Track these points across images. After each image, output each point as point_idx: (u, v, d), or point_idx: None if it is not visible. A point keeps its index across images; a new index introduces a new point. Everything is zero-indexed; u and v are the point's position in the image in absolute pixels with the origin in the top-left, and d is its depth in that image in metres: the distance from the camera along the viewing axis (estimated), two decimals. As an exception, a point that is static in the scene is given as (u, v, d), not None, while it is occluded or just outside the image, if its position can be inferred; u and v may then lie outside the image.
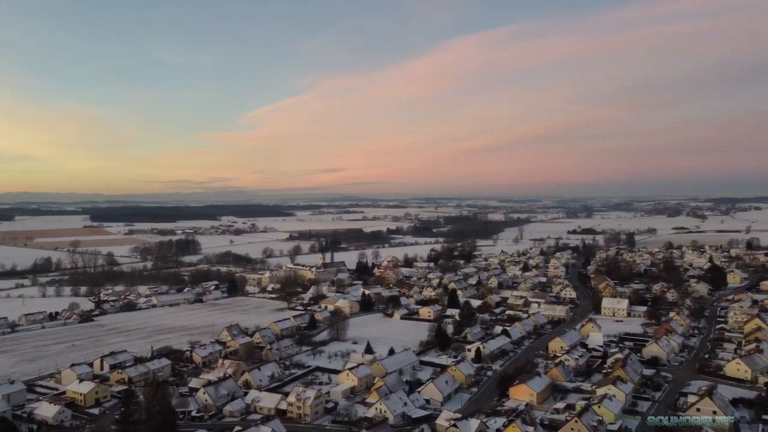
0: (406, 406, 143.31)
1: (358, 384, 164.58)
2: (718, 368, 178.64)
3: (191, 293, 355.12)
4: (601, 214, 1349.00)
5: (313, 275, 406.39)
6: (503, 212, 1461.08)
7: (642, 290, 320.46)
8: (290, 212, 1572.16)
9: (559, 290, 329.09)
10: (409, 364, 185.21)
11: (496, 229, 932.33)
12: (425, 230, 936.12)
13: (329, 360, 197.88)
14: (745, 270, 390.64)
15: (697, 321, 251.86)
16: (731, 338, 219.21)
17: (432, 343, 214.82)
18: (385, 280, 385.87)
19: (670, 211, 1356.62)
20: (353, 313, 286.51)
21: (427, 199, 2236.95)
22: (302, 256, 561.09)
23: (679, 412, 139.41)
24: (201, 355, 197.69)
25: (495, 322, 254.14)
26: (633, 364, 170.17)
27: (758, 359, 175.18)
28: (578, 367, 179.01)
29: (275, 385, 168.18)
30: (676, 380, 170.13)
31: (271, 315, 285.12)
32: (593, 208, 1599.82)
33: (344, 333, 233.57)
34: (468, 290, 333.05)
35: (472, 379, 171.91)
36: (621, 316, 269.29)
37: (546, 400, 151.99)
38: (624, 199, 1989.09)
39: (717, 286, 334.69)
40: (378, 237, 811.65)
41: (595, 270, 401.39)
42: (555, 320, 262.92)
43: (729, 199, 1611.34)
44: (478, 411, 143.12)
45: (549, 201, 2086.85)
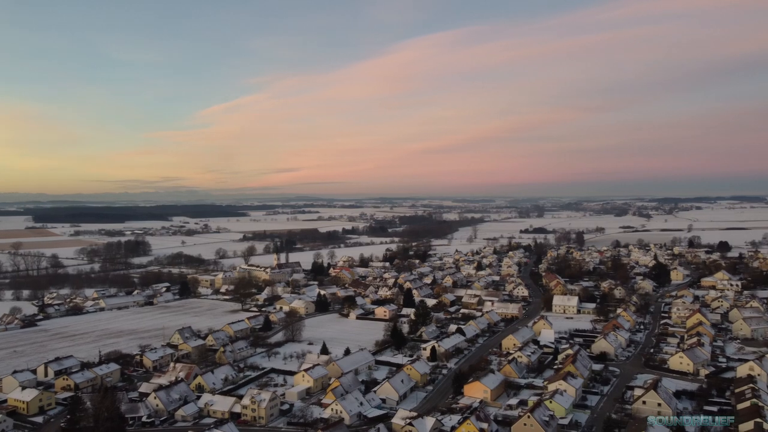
0: (362, 405, 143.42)
1: (314, 385, 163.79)
2: (662, 362, 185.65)
3: (141, 296, 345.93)
4: (552, 214, 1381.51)
5: (267, 276, 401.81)
6: (458, 212, 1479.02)
7: (591, 288, 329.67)
8: (244, 212, 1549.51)
9: (512, 288, 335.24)
10: (365, 363, 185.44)
11: (450, 229, 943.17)
12: (381, 230, 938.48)
13: (284, 361, 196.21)
14: (687, 267, 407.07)
15: (642, 317, 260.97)
16: (674, 333, 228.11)
17: (388, 342, 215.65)
18: (341, 281, 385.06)
19: (618, 211, 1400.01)
20: (309, 314, 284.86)
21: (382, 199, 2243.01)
22: (257, 257, 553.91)
23: (626, 405, 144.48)
24: (152, 359, 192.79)
25: (450, 321, 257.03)
26: (583, 359, 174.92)
27: (699, 353, 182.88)
28: (531, 364, 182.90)
29: (229, 387, 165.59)
30: (624, 374, 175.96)
31: (224, 317, 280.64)
32: (545, 207, 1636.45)
33: (300, 334, 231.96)
34: (423, 289, 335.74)
35: (428, 377, 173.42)
36: (571, 313, 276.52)
37: (500, 397, 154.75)
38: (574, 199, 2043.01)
39: (661, 283, 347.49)
40: (334, 237, 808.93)
41: (546, 268, 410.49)
42: (508, 318, 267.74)
43: (672, 199, 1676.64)
44: (434, 409, 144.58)
45: (502, 201, 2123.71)
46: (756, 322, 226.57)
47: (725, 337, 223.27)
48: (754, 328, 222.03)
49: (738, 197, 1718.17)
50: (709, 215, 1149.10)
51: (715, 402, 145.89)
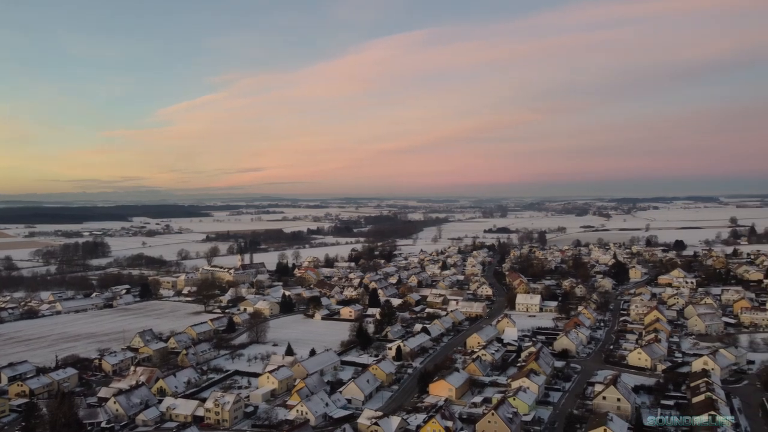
0: (328, 406, 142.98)
1: (279, 386, 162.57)
2: (621, 358, 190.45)
3: (100, 298, 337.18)
4: (515, 214, 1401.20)
5: (231, 277, 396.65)
6: (422, 212, 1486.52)
7: (553, 286, 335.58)
8: (207, 213, 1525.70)
9: (476, 288, 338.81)
10: (331, 364, 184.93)
11: (415, 229, 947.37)
12: (346, 230, 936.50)
13: (249, 363, 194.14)
14: (645, 265, 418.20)
15: (602, 314, 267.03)
16: (633, 329, 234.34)
17: (353, 342, 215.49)
18: (306, 281, 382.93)
19: (578, 211, 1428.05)
20: (273, 315, 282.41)
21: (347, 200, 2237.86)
22: (220, 258, 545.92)
23: (587, 401, 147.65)
24: (111, 363, 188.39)
25: (415, 320, 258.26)
26: (545, 357, 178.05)
27: (657, 348, 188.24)
28: (494, 362, 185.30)
29: (192, 391, 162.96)
30: (585, 371, 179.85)
31: (187, 319, 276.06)
32: (508, 207, 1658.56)
33: (264, 335, 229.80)
34: (388, 289, 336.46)
35: (393, 377, 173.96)
36: (534, 311, 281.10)
37: (464, 395, 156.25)
38: (536, 199, 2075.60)
39: (620, 281, 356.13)
40: (298, 237, 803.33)
41: (509, 267, 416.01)
42: (472, 317, 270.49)
43: (630, 200, 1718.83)
44: (399, 408, 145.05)
45: (466, 201, 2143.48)
46: (710, 318, 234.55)
47: (681, 333, 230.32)
48: (708, 324, 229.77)
49: (693, 197, 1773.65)
50: (666, 215, 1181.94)
51: (672, 396, 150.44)
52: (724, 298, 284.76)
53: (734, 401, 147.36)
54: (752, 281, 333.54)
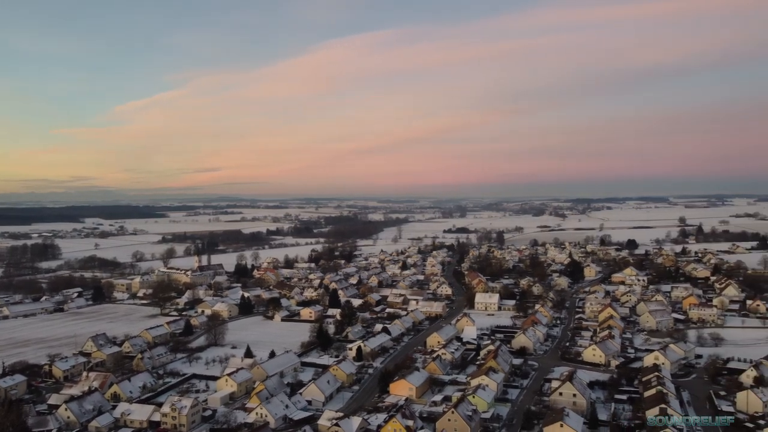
0: (288, 408, 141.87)
1: (238, 389, 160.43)
2: (577, 355, 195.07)
3: (50, 302, 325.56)
4: (474, 214, 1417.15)
5: (188, 279, 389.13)
6: (383, 212, 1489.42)
7: (511, 285, 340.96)
8: (163, 213, 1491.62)
9: (436, 287, 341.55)
10: (291, 365, 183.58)
11: (375, 229, 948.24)
12: (306, 231, 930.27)
13: (207, 366, 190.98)
14: (599, 264, 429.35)
15: (559, 312, 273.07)
16: (588, 327, 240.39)
17: (314, 343, 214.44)
18: (266, 282, 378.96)
19: (535, 211, 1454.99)
20: (232, 317, 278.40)
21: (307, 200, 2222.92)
22: (176, 260, 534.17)
23: (544, 397, 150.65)
24: (62, 369, 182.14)
25: (376, 321, 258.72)
26: (504, 354, 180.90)
27: (611, 345, 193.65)
28: (454, 360, 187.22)
29: (148, 395, 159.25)
30: (542, 368, 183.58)
31: (142, 322, 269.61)
32: (467, 208, 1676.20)
33: (223, 337, 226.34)
34: (349, 290, 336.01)
35: (354, 377, 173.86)
36: (493, 310, 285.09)
37: (425, 394, 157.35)
38: (495, 199, 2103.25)
39: (576, 279, 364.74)
40: (258, 238, 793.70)
41: (469, 267, 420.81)
42: (433, 316, 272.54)
43: (585, 200, 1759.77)
44: (360, 408, 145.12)
45: (426, 201, 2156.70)
46: (660, 315, 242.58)
47: (633, 329, 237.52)
48: (658, 320, 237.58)
49: (644, 198, 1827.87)
50: (619, 215, 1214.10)
51: (625, 391, 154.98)
52: (673, 295, 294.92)
53: (683, 394, 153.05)
54: (700, 278, 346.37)
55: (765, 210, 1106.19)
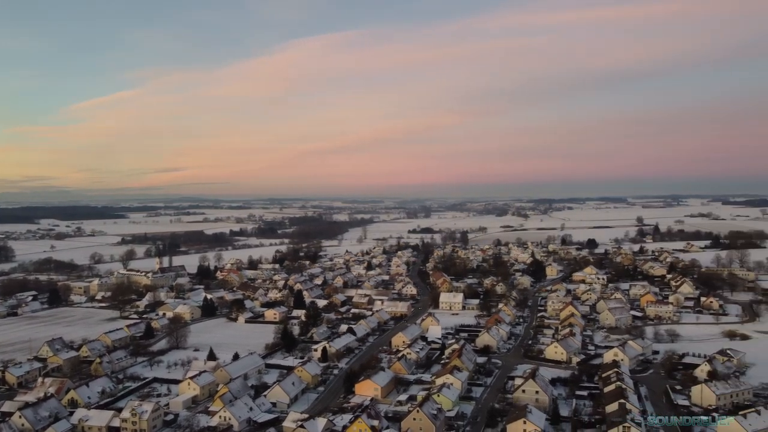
0: (252, 411, 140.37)
1: (201, 392, 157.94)
2: (539, 352, 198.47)
3: (3, 306, 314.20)
4: (438, 214, 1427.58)
5: (149, 281, 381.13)
6: (348, 213, 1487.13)
7: (475, 284, 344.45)
8: (122, 214, 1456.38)
9: (401, 287, 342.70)
10: (255, 368, 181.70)
11: (340, 230, 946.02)
12: (270, 231, 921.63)
13: (168, 370, 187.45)
14: (561, 263, 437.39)
15: (522, 311, 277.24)
16: (550, 325, 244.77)
17: (278, 345, 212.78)
18: (229, 284, 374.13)
19: (499, 211, 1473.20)
20: (195, 319, 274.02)
21: (271, 200, 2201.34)
22: (137, 261, 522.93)
23: (507, 394, 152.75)
24: (16, 375, 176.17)
25: (341, 321, 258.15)
26: (468, 353, 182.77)
27: (572, 342, 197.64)
28: (419, 360, 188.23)
29: (107, 401, 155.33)
30: (505, 366, 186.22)
31: (101, 326, 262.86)
32: (431, 208, 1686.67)
33: (185, 340, 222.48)
34: (314, 290, 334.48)
35: (319, 378, 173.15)
36: (457, 309, 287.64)
37: (390, 394, 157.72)
38: (459, 200, 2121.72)
39: (538, 279, 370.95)
40: (221, 239, 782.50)
41: (433, 267, 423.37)
42: (398, 316, 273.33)
43: (547, 200, 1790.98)
44: (325, 409, 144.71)
45: (391, 202, 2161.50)
46: (619, 312, 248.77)
47: (594, 326, 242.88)
48: (617, 318, 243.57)
49: (604, 198, 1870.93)
50: (579, 215, 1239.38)
51: (586, 387, 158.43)
52: (632, 293, 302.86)
53: (641, 389, 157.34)
54: (656, 276, 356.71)
55: (718, 210, 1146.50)
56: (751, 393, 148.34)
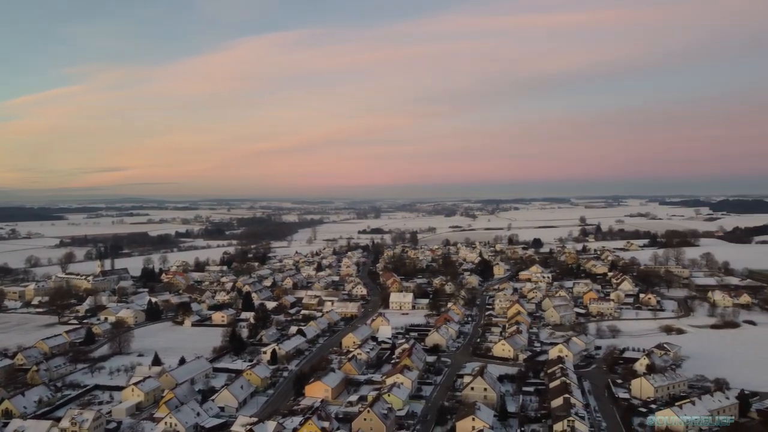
0: (199, 416, 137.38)
1: (145, 399, 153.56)
2: (487, 350, 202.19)
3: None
4: (388, 215, 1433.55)
5: (89, 285, 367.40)
6: (297, 213, 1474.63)
7: (424, 284, 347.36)
8: (61, 215, 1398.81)
9: (352, 288, 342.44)
10: (202, 372, 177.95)
11: (290, 230, 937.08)
12: (218, 233, 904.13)
13: (111, 376, 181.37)
14: (507, 262, 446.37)
15: (470, 309, 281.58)
16: (497, 323, 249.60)
17: (226, 348, 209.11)
18: (175, 286, 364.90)
19: (447, 212, 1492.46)
20: (138, 324, 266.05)
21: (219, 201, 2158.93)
22: (77, 265, 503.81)
23: (457, 392, 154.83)
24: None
25: (290, 323, 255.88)
26: (418, 352, 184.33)
27: (519, 339, 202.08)
28: (370, 360, 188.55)
29: (45, 410, 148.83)
30: (455, 364, 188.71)
31: (37, 332, 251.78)
32: (381, 209, 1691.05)
33: (128, 345, 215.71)
34: (263, 292, 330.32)
35: (269, 381, 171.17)
36: (407, 309, 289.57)
37: (341, 395, 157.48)
38: (408, 200, 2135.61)
39: (486, 278, 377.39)
40: (166, 241, 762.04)
41: (383, 267, 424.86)
42: (348, 317, 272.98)
43: (494, 201, 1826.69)
44: (275, 412, 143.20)
45: (341, 202, 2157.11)
46: (563, 310, 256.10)
47: (539, 324, 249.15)
48: (562, 315, 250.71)
49: (548, 199, 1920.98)
50: (525, 215, 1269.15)
51: (532, 383, 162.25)
52: (575, 291, 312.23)
53: (585, 384, 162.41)
54: (598, 274, 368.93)
55: (655, 210, 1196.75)
56: (686, 384, 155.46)
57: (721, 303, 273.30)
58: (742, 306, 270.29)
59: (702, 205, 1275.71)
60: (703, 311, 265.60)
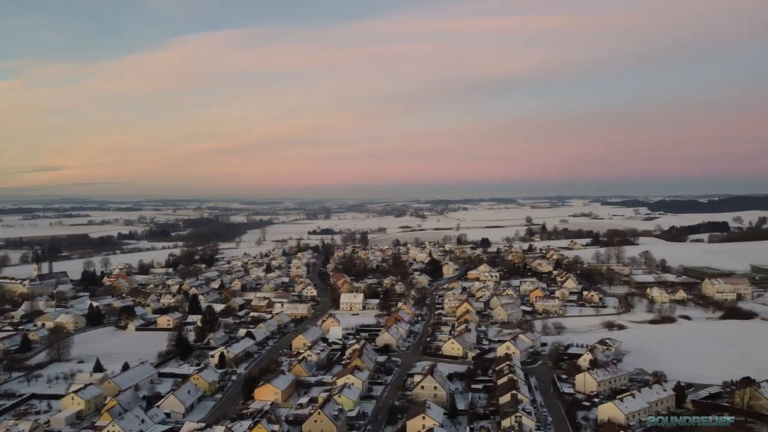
0: (144, 423, 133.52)
1: (86, 407, 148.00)
2: (437, 349, 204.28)
3: None
4: (338, 215, 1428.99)
5: (25, 289, 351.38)
6: (246, 214, 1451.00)
7: (375, 284, 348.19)
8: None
9: (302, 289, 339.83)
10: (147, 377, 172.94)
11: (238, 232, 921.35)
12: (163, 234, 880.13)
13: (49, 384, 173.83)
14: (456, 262, 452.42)
15: (420, 309, 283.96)
16: (447, 322, 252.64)
17: (172, 352, 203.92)
18: (118, 290, 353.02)
19: (397, 212, 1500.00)
20: (79, 329, 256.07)
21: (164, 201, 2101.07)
22: (11, 268, 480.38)
23: (407, 391, 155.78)
24: None
25: (239, 325, 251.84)
26: (368, 353, 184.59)
27: (468, 338, 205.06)
28: (320, 361, 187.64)
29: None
30: (405, 363, 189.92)
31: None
32: (331, 209, 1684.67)
33: (68, 352, 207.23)
34: (210, 294, 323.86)
35: (217, 385, 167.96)
36: (357, 309, 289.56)
37: (291, 397, 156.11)
38: (358, 201, 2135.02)
39: (435, 277, 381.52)
40: (108, 243, 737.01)
41: (334, 268, 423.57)
42: (298, 318, 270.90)
43: (443, 201, 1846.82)
44: (224, 417, 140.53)
45: (290, 203, 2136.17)
46: (511, 308, 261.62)
47: (488, 322, 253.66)
48: (509, 313, 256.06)
49: (496, 199, 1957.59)
50: (474, 215, 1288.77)
51: (481, 380, 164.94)
52: (522, 289, 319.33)
53: (531, 380, 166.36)
54: (544, 273, 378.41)
55: (597, 210, 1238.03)
56: (627, 378, 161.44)
57: (659, 299, 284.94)
58: (678, 302, 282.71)
59: (641, 206, 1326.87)
60: (643, 307, 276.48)
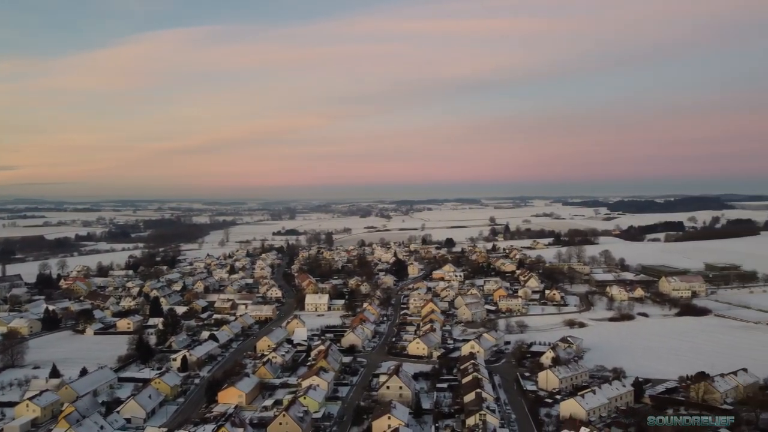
0: (103, 429, 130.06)
1: (42, 414, 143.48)
2: (403, 349, 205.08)
3: None
4: (303, 216, 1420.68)
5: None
6: (209, 215, 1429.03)
7: (340, 285, 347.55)
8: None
9: (266, 290, 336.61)
10: (106, 382, 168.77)
11: (201, 232, 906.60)
12: (123, 235, 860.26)
13: (2, 392, 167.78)
14: (422, 262, 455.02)
15: (386, 309, 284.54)
16: (412, 321, 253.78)
17: (133, 356, 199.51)
18: (75, 293, 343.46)
19: (362, 212, 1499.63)
20: (34, 334, 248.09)
21: (123, 202, 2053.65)
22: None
23: (373, 392, 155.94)
24: None
25: (202, 328, 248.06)
26: (334, 353, 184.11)
27: (432, 337, 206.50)
28: (285, 363, 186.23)
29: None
30: (370, 364, 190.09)
31: None
32: (296, 210, 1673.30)
33: (22, 358, 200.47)
34: (172, 297, 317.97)
35: (179, 389, 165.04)
36: (323, 310, 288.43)
37: (255, 400, 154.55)
38: (323, 201, 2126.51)
39: (401, 277, 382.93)
40: (65, 244, 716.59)
41: (299, 269, 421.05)
42: (262, 320, 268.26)
43: (408, 201, 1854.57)
44: (186, 421, 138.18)
45: (254, 203, 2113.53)
46: (475, 307, 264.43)
47: (452, 321, 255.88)
48: (473, 312, 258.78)
49: (460, 199, 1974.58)
50: (438, 215, 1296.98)
51: (446, 379, 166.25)
52: (486, 288, 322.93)
53: (495, 378, 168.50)
54: (507, 272, 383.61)
55: (559, 210, 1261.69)
56: (588, 375, 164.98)
57: (618, 297, 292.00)
58: (637, 299, 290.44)
59: (600, 206, 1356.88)
60: (603, 305, 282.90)
